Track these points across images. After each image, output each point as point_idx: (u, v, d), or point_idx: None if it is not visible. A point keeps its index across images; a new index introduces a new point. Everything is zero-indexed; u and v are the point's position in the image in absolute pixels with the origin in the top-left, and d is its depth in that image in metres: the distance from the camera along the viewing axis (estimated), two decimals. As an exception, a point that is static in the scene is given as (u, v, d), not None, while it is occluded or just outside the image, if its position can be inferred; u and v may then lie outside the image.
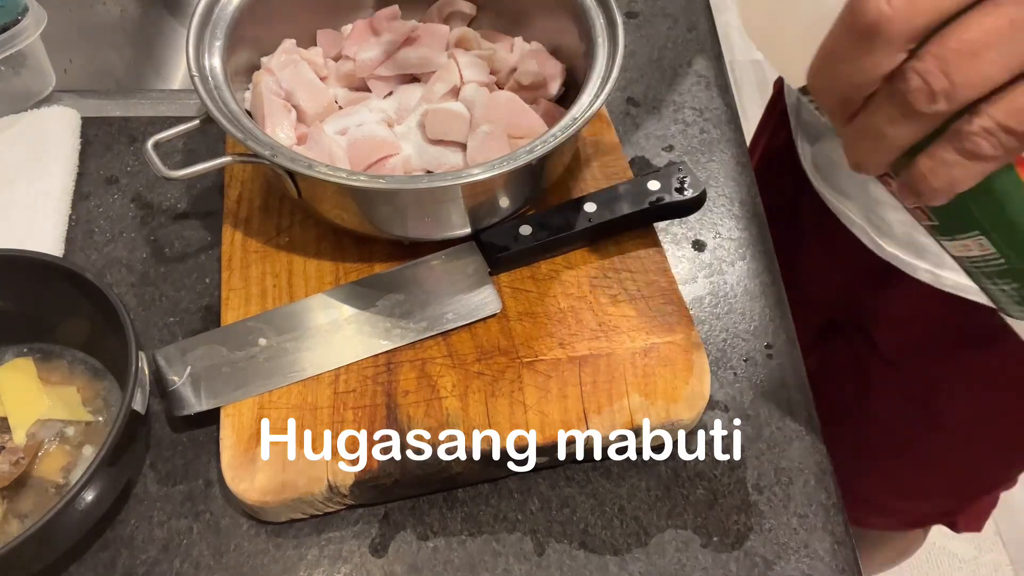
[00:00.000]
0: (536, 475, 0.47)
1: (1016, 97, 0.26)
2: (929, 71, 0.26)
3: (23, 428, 0.45)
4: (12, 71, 0.61)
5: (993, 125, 0.26)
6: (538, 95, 0.56)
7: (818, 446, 0.48)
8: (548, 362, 0.48)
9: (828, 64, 0.29)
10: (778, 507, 0.46)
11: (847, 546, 0.45)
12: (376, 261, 0.52)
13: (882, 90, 0.28)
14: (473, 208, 0.50)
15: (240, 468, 0.43)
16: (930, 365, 0.66)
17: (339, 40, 0.59)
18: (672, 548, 0.45)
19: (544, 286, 0.51)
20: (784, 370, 0.51)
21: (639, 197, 0.52)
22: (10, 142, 0.60)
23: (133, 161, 0.61)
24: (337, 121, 0.54)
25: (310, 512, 0.45)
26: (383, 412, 0.45)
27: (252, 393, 0.46)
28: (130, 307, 0.53)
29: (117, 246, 0.56)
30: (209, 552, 0.44)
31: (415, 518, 0.45)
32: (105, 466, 0.40)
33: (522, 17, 0.60)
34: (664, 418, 0.46)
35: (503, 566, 0.44)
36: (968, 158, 0.27)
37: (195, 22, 0.52)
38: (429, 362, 0.48)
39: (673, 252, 0.57)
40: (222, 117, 0.48)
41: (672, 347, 0.48)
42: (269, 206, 0.55)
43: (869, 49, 0.27)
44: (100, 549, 0.44)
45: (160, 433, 0.48)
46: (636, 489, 0.46)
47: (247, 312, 0.50)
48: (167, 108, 0.65)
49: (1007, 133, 0.26)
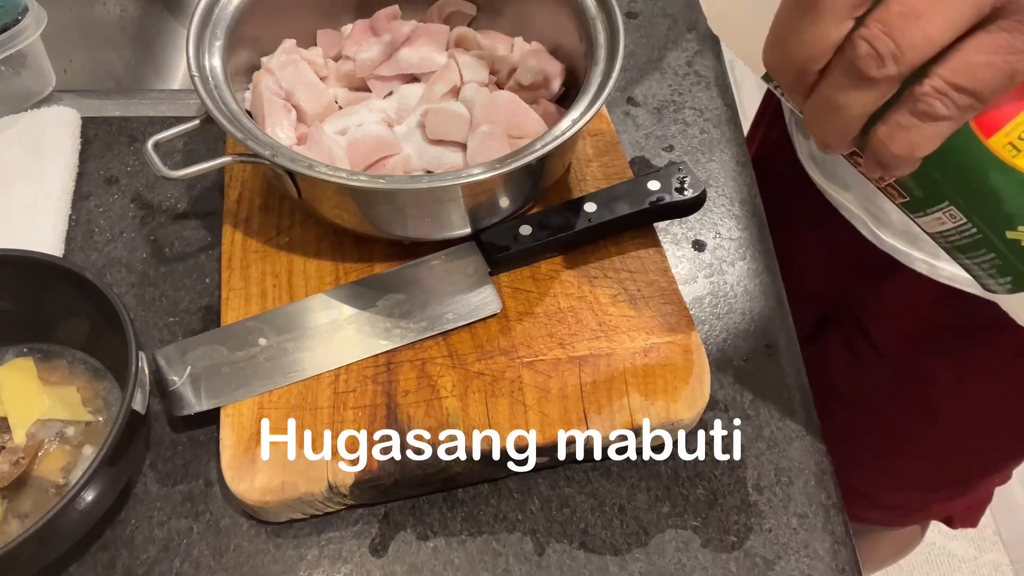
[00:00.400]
0: (536, 475, 0.47)
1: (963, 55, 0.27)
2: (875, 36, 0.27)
3: (23, 428, 0.45)
4: (12, 71, 0.61)
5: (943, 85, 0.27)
6: (538, 95, 0.56)
7: (818, 446, 0.48)
8: (548, 362, 0.48)
9: (779, 41, 0.30)
10: (778, 507, 0.46)
11: (847, 546, 0.45)
12: (376, 261, 0.52)
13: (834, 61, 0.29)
14: (473, 208, 0.50)
15: (240, 468, 0.43)
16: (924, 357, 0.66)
17: (339, 40, 0.59)
18: (672, 548, 0.45)
19: (544, 286, 0.51)
20: (784, 370, 0.51)
21: (639, 197, 0.52)
22: (10, 142, 0.60)
23: (133, 161, 0.61)
24: (337, 121, 0.54)
25: (310, 512, 0.45)
26: (383, 412, 0.46)
27: (252, 393, 0.46)
28: (130, 307, 0.53)
29: (117, 246, 0.56)
30: (209, 552, 0.44)
31: (415, 518, 0.45)
32: (105, 466, 0.40)
33: (522, 17, 0.60)
34: (664, 418, 0.46)
35: (503, 566, 0.44)
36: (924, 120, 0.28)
37: (195, 22, 0.52)
38: (429, 362, 0.48)
39: (673, 252, 0.57)
40: (222, 117, 0.48)
41: (672, 347, 0.48)
42: (269, 206, 0.55)
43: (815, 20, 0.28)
44: (100, 549, 0.44)
45: (160, 433, 0.48)
46: (636, 489, 0.46)
47: (247, 312, 0.50)
48: (167, 108, 0.65)
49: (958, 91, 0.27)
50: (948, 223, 0.33)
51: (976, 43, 0.27)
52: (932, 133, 0.28)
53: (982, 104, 0.28)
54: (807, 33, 0.28)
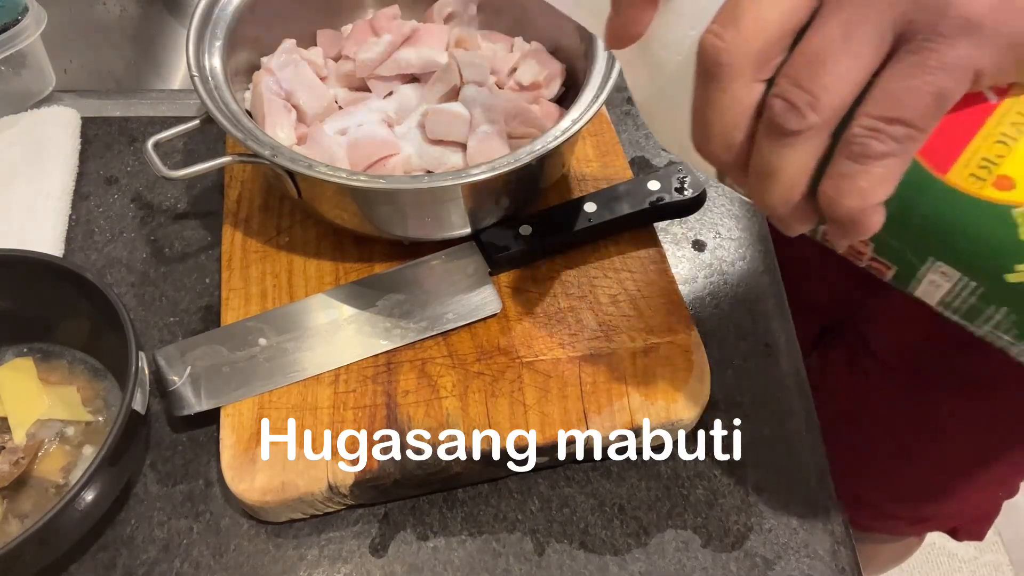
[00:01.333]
0: (536, 475, 0.47)
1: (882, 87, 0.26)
2: (786, 90, 0.27)
3: (23, 428, 0.45)
4: (12, 71, 0.61)
5: (872, 121, 0.26)
6: (538, 95, 0.56)
7: (818, 446, 0.48)
8: (548, 362, 0.48)
9: (699, 117, 0.29)
10: (778, 507, 0.46)
11: (847, 546, 0.45)
12: (376, 261, 0.52)
13: (759, 128, 0.28)
14: (473, 208, 0.50)
15: (240, 468, 0.43)
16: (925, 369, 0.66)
17: (339, 40, 0.59)
18: (672, 548, 0.45)
19: (544, 286, 0.51)
20: (784, 370, 0.51)
21: (639, 197, 0.52)
22: (10, 142, 0.60)
23: (133, 161, 0.61)
24: (337, 121, 0.54)
25: (310, 512, 0.45)
26: (383, 412, 0.46)
27: (252, 393, 0.46)
28: (130, 307, 0.53)
29: (117, 246, 0.56)
30: (209, 552, 0.44)
31: (415, 518, 0.45)
32: (105, 466, 0.40)
33: (522, 17, 0.60)
34: (664, 418, 0.46)
35: (503, 566, 0.44)
36: (864, 162, 0.27)
37: (195, 22, 0.52)
38: (429, 362, 0.48)
39: (673, 252, 0.57)
40: (222, 117, 0.48)
41: (672, 347, 0.48)
42: (269, 206, 0.55)
43: (722, 87, 0.28)
44: (100, 549, 0.44)
45: (160, 433, 0.48)
46: (636, 489, 0.46)
47: (247, 312, 0.50)
48: (167, 108, 0.65)
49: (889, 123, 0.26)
50: (944, 284, 0.30)
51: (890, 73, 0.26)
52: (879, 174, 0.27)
53: (921, 132, 0.26)
54: (719, 102, 0.28)
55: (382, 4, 0.60)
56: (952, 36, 0.25)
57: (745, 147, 0.29)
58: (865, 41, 0.26)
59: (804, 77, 0.26)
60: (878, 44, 0.26)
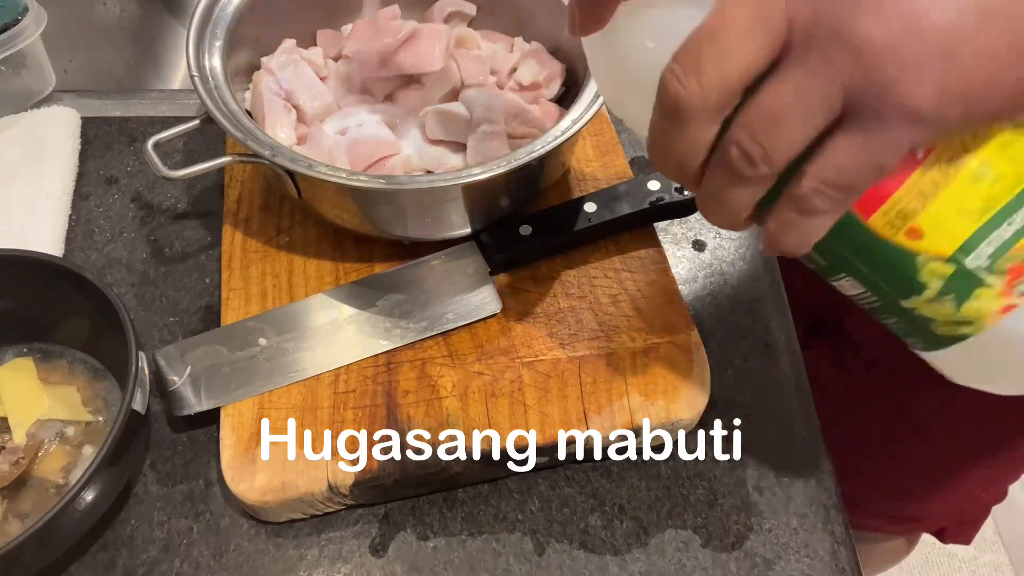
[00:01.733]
0: (536, 475, 0.47)
1: (830, 155, 0.28)
2: (743, 140, 0.29)
3: (23, 428, 0.45)
4: (12, 71, 0.61)
5: (818, 184, 0.29)
6: (538, 95, 0.56)
7: (818, 446, 0.48)
8: (548, 362, 0.48)
9: (656, 142, 0.31)
10: (778, 507, 0.46)
11: (847, 546, 0.45)
12: (376, 261, 0.52)
13: (713, 160, 0.31)
14: (473, 208, 0.50)
15: (240, 468, 0.43)
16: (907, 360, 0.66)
17: (339, 40, 0.59)
18: (672, 548, 0.45)
19: (544, 286, 0.51)
20: (784, 370, 0.51)
21: (639, 197, 0.52)
22: (10, 142, 0.60)
23: (133, 161, 0.61)
24: (337, 121, 0.54)
25: (310, 512, 0.45)
26: (383, 412, 0.46)
27: (252, 393, 0.46)
28: (130, 307, 0.53)
29: (117, 246, 0.56)
30: (209, 552, 0.44)
31: (415, 518, 0.45)
32: (105, 466, 0.40)
33: (522, 17, 0.60)
34: (664, 418, 0.46)
35: (503, 566, 0.44)
36: (806, 216, 0.30)
37: (195, 22, 0.52)
38: (429, 362, 0.48)
39: (673, 252, 0.56)
40: (222, 117, 0.48)
41: (672, 347, 0.48)
42: (269, 206, 0.55)
43: (682, 128, 0.30)
44: (100, 549, 0.44)
45: (160, 433, 0.48)
46: (636, 489, 0.46)
47: (247, 312, 0.50)
48: (167, 108, 0.65)
49: (832, 188, 0.29)
50: (853, 290, 0.35)
51: (837, 144, 0.28)
52: (817, 224, 0.30)
53: (857, 194, 0.29)
54: (677, 139, 0.30)
55: (382, 4, 0.60)
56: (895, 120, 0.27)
57: (697, 173, 0.32)
58: (817, 107, 0.28)
59: (759, 132, 0.28)
60: (827, 111, 0.28)
